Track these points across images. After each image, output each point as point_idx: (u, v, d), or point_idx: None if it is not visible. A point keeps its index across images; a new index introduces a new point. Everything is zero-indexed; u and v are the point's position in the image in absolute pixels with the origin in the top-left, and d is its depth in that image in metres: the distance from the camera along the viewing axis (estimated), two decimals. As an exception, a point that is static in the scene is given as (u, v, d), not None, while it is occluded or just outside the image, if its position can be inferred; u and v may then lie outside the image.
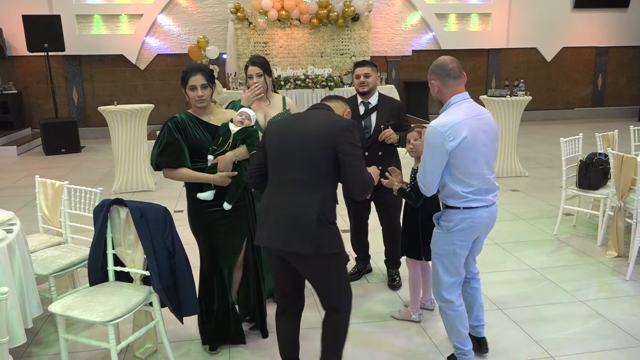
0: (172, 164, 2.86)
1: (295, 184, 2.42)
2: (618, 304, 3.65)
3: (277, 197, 2.46)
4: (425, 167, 2.61)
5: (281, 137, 2.49)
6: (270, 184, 2.52)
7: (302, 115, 2.62)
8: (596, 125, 11.03)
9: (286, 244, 2.39)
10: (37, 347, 3.21)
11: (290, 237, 2.38)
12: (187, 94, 2.92)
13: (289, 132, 2.48)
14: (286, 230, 2.39)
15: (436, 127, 2.54)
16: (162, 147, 2.85)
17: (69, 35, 9.86)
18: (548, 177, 7.13)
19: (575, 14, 12.05)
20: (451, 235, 2.68)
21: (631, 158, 4.13)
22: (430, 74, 2.67)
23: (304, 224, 2.37)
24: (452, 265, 2.74)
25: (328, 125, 2.43)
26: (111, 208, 2.90)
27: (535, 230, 5.12)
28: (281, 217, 2.42)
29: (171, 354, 2.96)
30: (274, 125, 2.59)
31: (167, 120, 2.90)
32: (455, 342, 2.86)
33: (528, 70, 12.18)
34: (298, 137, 2.43)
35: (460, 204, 2.63)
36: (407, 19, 11.49)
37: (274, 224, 2.43)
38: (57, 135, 9.29)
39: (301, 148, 2.41)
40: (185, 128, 2.88)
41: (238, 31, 10.10)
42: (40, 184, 3.74)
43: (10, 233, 2.75)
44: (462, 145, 2.52)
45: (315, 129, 2.43)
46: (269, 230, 2.45)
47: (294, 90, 9.62)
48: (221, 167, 2.89)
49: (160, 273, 2.76)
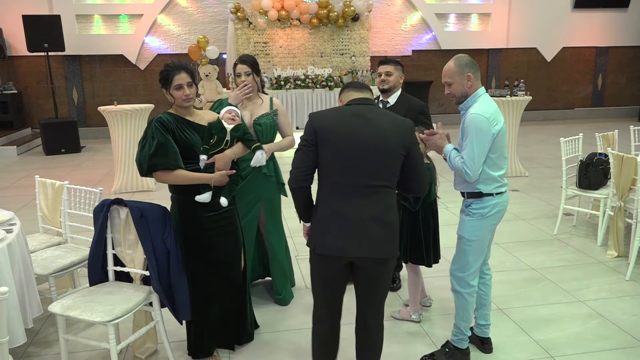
0: (168, 165, 2.69)
1: (370, 188, 2.31)
2: (618, 304, 3.65)
3: (349, 203, 2.31)
4: (474, 152, 2.69)
5: (350, 139, 2.28)
6: (334, 189, 2.34)
7: (362, 114, 2.34)
8: (596, 125, 11.03)
9: (372, 250, 2.31)
10: (37, 347, 3.21)
11: (376, 243, 2.32)
12: (173, 93, 2.78)
13: (358, 135, 2.28)
14: (370, 237, 2.30)
15: (481, 114, 2.69)
16: (155, 148, 2.67)
17: (69, 35, 9.86)
18: (548, 177, 7.13)
19: (575, 14, 12.05)
20: (485, 221, 2.83)
21: (631, 158, 4.13)
22: (464, 68, 2.77)
23: (390, 228, 2.35)
24: (482, 250, 2.89)
25: (400, 127, 2.35)
26: (111, 208, 2.90)
27: (535, 230, 5.12)
28: (361, 223, 2.30)
29: (171, 354, 2.96)
30: (332, 126, 2.33)
31: (151, 121, 2.75)
32: (461, 327, 2.96)
33: (528, 70, 12.18)
34: (373, 141, 2.28)
35: (493, 190, 2.79)
36: (407, 19, 11.49)
37: (350, 231, 2.30)
38: (57, 135, 9.28)
39: (377, 152, 2.28)
40: (173, 129, 2.74)
41: (238, 31, 10.10)
42: (40, 184, 3.74)
43: (10, 233, 2.75)
44: (502, 130, 2.74)
45: (389, 133, 2.30)
46: (345, 239, 2.30)
47: (294, 90, 9.62)
48: (220, 165, 2.81)
49: (160, 273, 2.76)
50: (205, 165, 2.81)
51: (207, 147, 2.82)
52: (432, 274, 3.69)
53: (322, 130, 2.32)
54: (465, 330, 2.96)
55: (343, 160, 2.29)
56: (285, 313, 3.60)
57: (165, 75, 2.78)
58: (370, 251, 2.31)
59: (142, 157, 2.71)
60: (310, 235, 2.47)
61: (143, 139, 2.73)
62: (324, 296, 2.49)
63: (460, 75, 2.76)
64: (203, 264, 2.90)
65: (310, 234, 2.47)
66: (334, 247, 2.32)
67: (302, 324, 3.42)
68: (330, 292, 2.47)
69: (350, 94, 2.47)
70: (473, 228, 2.84)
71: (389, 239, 2.35)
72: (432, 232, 3.31)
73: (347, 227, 2.30)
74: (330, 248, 2.33)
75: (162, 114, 2.80)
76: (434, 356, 3.02)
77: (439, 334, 3.30)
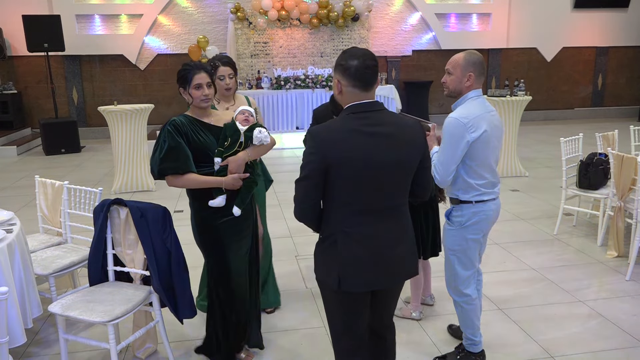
0: (178, 169, 2.61)
1: (391, 209, 2.09)
2: (618, 304, 3.65)
3: (373, 230, 2.06)
4: (443, 156, 2.62)
5: (370, 165, 1.98)
6: (352, 216, 2.04)
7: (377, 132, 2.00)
8: (596, 125, 11.03)
9: (402, 276, 2.18)
10: (37, 347, 3.21)
11: (406, 266, 2.17)
12: (192, 93, 2.69)
13: (378, 158, 1.99)
14: (400, 262, 2.13)
15: (458, 118, 2.59)
16: (165, 152, 2.60)
17: (69, 35, 9.86)
18: (548, 177, 7.13)
19: (575, 14, 12.05)
20: (465, 230, 2.74)
21: (631, 158, 4.13)
22: (469, 66, 2.66)
23: (413, 244, 2.20)
24: (468, 259, 2.80)
25: (414, 135, 2.08)
26: (111, 208, 2.90)
27: (535, 230, 5.12)
28: (389, 250, 2.09)
29: (171, 354, 2.96)
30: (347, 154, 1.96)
31: (165, 124, 2.68)
32: (468, 334, 2.92)
33: (528, 70, 12.18)
34: (394, 163, 2.02)
35: (472, 198, 2.69)
36: (407, 19, 11.49)
37: (381, 261, 2.08)
38: (57, 135, 9.29)
39: (398, 172, 2.06)
40: (187, 131, 2.65)
41: (238, 31, 10.10)
42: (40, 184, 3.74)
43: (10, 233, 2.75)
44: (482, 138, 2.60)
45: (406, 148, 2.05)
46: (376, 271, 2.08)
47: (294, 90, 9.63)
48: (233, 168, 2.69)
49: (160, 273, 2.76)
50: (218, 168, 2.71)
51: (221, 150, 2.72)
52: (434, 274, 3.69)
53: (335, 161, 1.96)
54: (472, 336, 2.91)
55: (363, 188, 2.00)
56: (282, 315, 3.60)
57: (185, 74, 2.69)
58: (401, 277, 2.20)
59: (153, 161, 2.66)
60: (326, 271, 2.12)
61: (156, 143, 2.68)
62: (356, 330, 2.20)
63: (463, 70, 2.67)
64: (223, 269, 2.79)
65: (325, 270, 2.13)
66: (366, 281, 2.07)
67: (300, 324, 3.43)
68: (360, 325, 2.21)
69: (355, 93, 2.04)
70: (453, 237, 2.77)
71: (414, 256, 2.22)
72: (432, 225, 3.31)
73: (376, 259, 2.06)
74: (362, 284, 2.07)
75: (177, 116, 2.73)
76: (445, 358, 3.01)
77: (440, 332, 3.30)
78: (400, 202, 2.11)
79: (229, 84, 3.20)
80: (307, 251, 4.65)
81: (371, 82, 2.04)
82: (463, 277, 2.81)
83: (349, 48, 2.11)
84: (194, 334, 3.32)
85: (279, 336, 3.31)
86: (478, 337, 2.92)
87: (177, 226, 2.89)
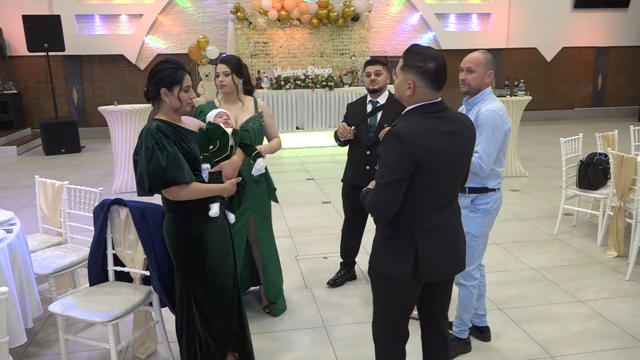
0: (185, 178, 2.35)
1: (454, 200, 2.22)
2: (618, 304, 3.65)
3: (440, 222, 2.15)
4: (488, 147, 2.76)
5: (446, 163, 2.08)
6: (430, 206, 2.11)
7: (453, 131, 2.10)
8: (596, 125, 11.03)
9: (463, 264, 2.30)
10: (37, 347, 3.21)
11: (464, 253, 2.30)
12: (180, 96, 2.43)
13: (453, 157, 2.11)
14: (462, 251, 2.27)
15: (495, 110, 2.80)
16: (167, 160, 2.31)
17: (69, 35, 9.86)
18: (548, 177, 7.13)
19: (575, 14, 12.05)
20: (489, 217, 2.93)
21: (631, 158, 4.13)
22: (490, 65, 2.84)
23: (464, 239, 2.32)
24: (485, 243, 3.02)
25: (473, 130, 2.23)
26: (111, 208, 2.90)
27: (535, 230, 5.12)
28: (454, 239, 2.22)
29: (171, 354, 2.96)
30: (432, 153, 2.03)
31: (148, 131, 2.36)
32: (464, 319, 3.06)
33: (528, 70, 12.18)
34: (462, 160, 2.18)
35: (496, 185, 2.90)
36: (407, 19, 11.49)
37: (450, 250, 2.20)
38: (57, 135, 9.28)
39: (463, 168, 2.21)
40: (174, 139, 2.41)
41: (238, 31, 10.10)
42: (40, 184, 3.74)
43: (10, 233, 2.75)
44: (509, 129, 2.86)
45: (470, 145, 2.20)
46: (446, 259, 2.19)
47: (294, 90, 9.63)
48: (229, 173, 2.58)
49: (160, 273, 2.76)
50: (211, 175, 2.53)
51: (208, 155, 2.55)
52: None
53: (423, 160, 2.01)
54: (467, 321, 3.06)
55: (440, 183, 2.10)
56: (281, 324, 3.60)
57: (173, 74, 2.41)
58: (462, 266, 2.29)
59: (151, 171, 2.31)
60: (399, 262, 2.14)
61: (146, 151, 2.32)
62: (405, 317, 2.34)
63: (485, 68, 2.83)
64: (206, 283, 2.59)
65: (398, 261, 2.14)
66: (444, 270, 2.19)
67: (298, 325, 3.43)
68: (408, 316, 2.34)
69: (430, 94, 2.10)
70: (479, 224, 2.91)
71: (465, 244, 2.35)
72: None
73: (448, 248, 2.18)
74: (442, 271, 2.18)
75: (153, 122, 2.42)
76: None
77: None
78: (457, 191, 2.24)
79: (222, 81, 3.17)
80: (307, 251, 4.65)
81: (445, 82, 2.15)
82: (478, 262, 3.01)
83: (418, 48, 2.13)
84: (194, 334, 3.32)
85: (279, 336, 3.31)
86: (469, 324, 3.10)
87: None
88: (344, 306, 3.65)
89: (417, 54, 2.10)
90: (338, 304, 3.69)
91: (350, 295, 3.79)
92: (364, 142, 3.58)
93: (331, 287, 3.92)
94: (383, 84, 3.63)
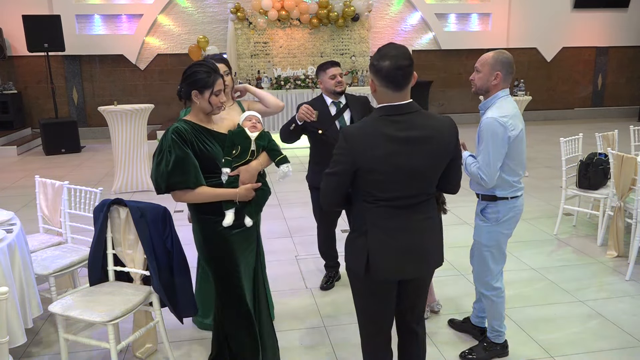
0: (188, 183, 2.39)
1: (421, 202, 2.13)
2: (618, 304, 3.65)
3: (402, 221, 2.11)
4: (489, 157, 2.66)
5: (399, 170, 2.02)
6: (380, 208, 2.09)
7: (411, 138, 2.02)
8: (596, 125, 11.03)
9: (431, 265, 2.24)
10: (37, 347, 3.21)
11: (431, 256, 2.22)
12: (211, 100, 2.46)
13: (410, 165, 2.03)
14: (429, 252, 2.20)
15: (497, 118, 2.66)
16: (173, 164, 2.35)
17: (69, 35, 9.86)
18: (548, 177, 7.13)
19: (575, 14, 12.05)
20: (500, 226, 2.84)
21: (631, 158, 4.13)
22: (497, 65, 2.72)
23: (438, 238, 2.26)
24: (500, 253, 2.90)
25: (448, 135, 2.09)
26: (111, 208, 2.90)
27: (535, 230, 5.12)
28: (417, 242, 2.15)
29: (171, 354, 2.96)
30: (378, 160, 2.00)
31: (167, 132, 2.42)
32: (495, 326, 3.02)
33: (528, 70, 12.17)
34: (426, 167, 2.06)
35: (509, 194, 2.79)
36: (407, 19, 11.49)
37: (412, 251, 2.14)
38: (57, 135, 9.29)
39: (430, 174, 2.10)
40: (192, 139, 2.43)
41: (238, 31, 10.10)
42: (40, 184, 3.74)
43: (10, 233, 2.75)
44: (520, 136, 2.72)
45: (440, 150, 2.07)
46: (407, 260, 2.14)
47: (294, 90, 9.62)
48: (245, 178, 2.52)
49: (160, 273, 2.76)
50: (228, 179, 2.51)
51: (229, 159, 2.52)
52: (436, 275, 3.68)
53: (366, 165, 2.01)
54: (498, 327, 3.01)
55: (393, 188, 2.05)
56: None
57: (206, 77, 2.42)
58: (429, 267, 2.24)
59: (158, 175, 2.39)
60: (355, 259, 2.19)
61: (159, 153, 2.40)
62: (386, 324, 2.30)
63: (490, 69, 2.73)
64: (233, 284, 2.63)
65: (354, 258, 2.19)
66: (394, 269, 2.14)
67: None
68: (389, 317, 2.31)
69: (388, 94, 2.04)
70: (489, 233, 2.85)
71: (440, 246, 2.27)
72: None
73: (404, 248, 2.12)
74: (390, 271, 2.14)
75: (178, 122, 2.47)
76: (472, 352, 3.06)
77: (443, 335, 3.30)
78: (428, 194, 2.15)
79: (226, 81, 3.03)
80: (307, 251, 4.65)
81: (403, 83, 2.01)
82: (495, 272, 2.92)
83: (384, 45, 2.08)
84: (194, 334, 3.32)
85: (279, 336, 3.31)
86: (503, 328, 3.03)
87: (177, 226, 2.88)
88: (344, 306, 3.65)
89: (378, 51, 2.07)
90: (338, 304, 3.69)
91: (351, 295, 3.79)
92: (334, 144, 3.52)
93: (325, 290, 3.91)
94: (345, 86, 3.64)
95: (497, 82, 2.73)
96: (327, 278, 3.98)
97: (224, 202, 2.50)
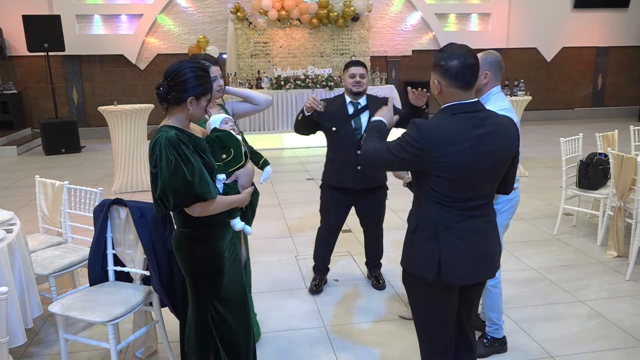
0: (213, 194, 2.17)
1: (487, 204, 2.12)
2: (618, 304, 3.65)
3: (476, 225, 2.08)
4: None
5: (475, 165, 1.99)
6: (457, 209, 2.04)
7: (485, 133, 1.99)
8: (596, 125, 11.03)
9: (494, 269, 2.19)
10: (37, 347, 3.21)
11: (496, 259, 2.20)
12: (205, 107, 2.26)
13: (484, 163, 2.00)
14: (494, 256, 2.19)
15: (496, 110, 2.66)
16: (193, 173, 2.09)
17: (69, 35, 9.86)
18: (548, 177, 7.13)
19: (575, 14, 12.05)
20: (499, 217, 2.82)
21: (631, 158, 4.13)
22: (485, 65, 2.82)
23: (499, 242, 2.24)
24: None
25: (513, 133, 2.10)
26: (111, 208, 2.90)
27: (535, 230, 5.12)
28: (487, 242, 2.14)
29: (171, 354, 2.96)
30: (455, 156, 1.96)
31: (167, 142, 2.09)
32: (494, 319, 3.06)
33: (528, 70, 12.18)
34: (495, 162, 2.04)
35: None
36: (407, 19, 11.49)
37: (478, 256, 2.10)
38: (57, 135, 9.29)
39: (496, 173, 2.08)
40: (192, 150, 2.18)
41: (238, 31, 10.10)
42: (40, 184, 3.74)
43: (10, 233, 2.75)
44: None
45: (508, 147, 2.07)
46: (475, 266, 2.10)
47: (294, 90, 9.63)
48: (245, 182, 2.44)
49: (160, 273, 2.76)
50: (229, 185, 2.35)
51: (221, 165, 2.36)
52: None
53: (439, 163, 1.97)
54: (497, 320, 3.06)
55: (464, 187, 2.02)
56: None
57: (207, 84, 2.20)
58: (492, 271, 2.18)
59: (179, 186, 2.08)
60: (423, 263, 2.09)
61: (168, 164, 2.07)
62: (449, 328, 2.21)
63: (482, 70, 2.80)
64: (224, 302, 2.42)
65: (423, 262, 2.09)
66: (469, 274, 2.09)
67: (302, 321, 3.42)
68: (451, 322, 2.22)
69: (456, 94, 2.01)
70: None
71: (500, 250, 2.25)
72: None
73: (475, 252, 2.08)
74: (464, 276, 2.09)
75: (168, 130, 2.13)
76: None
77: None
78: (492, 195, 2.16)
79: (221, 84, 2.88)
80: (307, 251, 4.65)
81: (472, 81, 2.02)
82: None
83: (447, 45, 2.06)
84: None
85: (279, 336, 3.31)
86: (501, 322, 3.08)
87: (177, 226, 2.88)
88: (344, 306, 3.65)
89: (443, 52, 2.04)
90: (338, 304, 3.69)
91: (351, 295, 3.80)
92: (351, 143, 3.52)
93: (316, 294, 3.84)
94: (366, 87, 3.60)
95: (487, 81, 2.85)
96: (316, 282, 3.88)
97: (227, 212, 2.31)
